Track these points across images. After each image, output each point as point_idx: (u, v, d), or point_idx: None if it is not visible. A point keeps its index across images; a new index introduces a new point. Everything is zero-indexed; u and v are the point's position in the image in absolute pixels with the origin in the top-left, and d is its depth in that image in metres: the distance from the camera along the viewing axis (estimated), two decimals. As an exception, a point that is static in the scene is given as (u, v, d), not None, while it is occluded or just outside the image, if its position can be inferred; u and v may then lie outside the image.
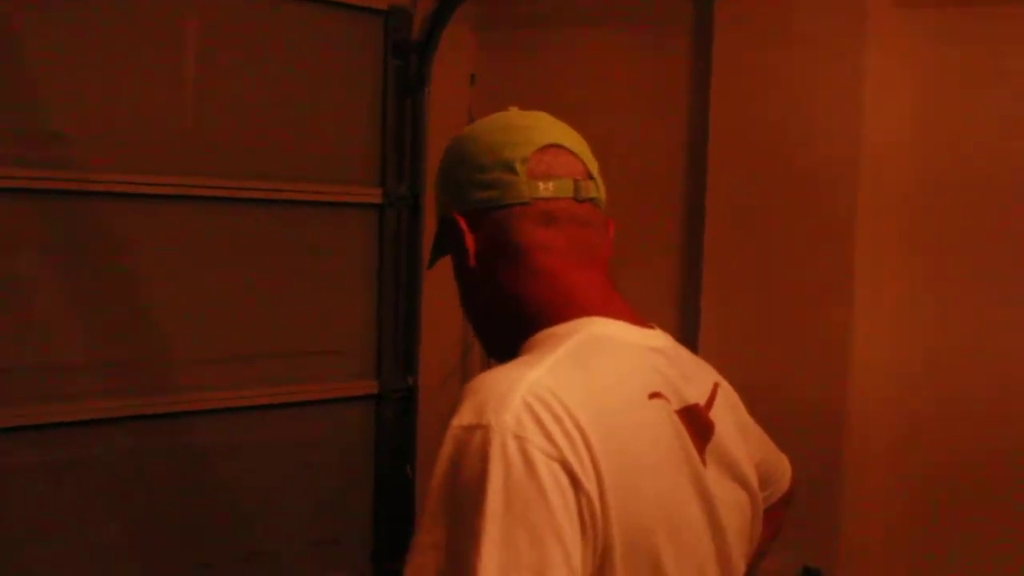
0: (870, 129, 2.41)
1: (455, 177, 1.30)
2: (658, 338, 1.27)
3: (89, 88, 2.56)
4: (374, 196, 3.04)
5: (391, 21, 3.04)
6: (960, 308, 2.39)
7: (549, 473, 1.03)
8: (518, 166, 1.25)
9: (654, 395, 1.19)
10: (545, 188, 1.25)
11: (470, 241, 1.27)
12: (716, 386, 1.33)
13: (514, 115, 1.33)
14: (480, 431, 1.05)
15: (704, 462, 1.22)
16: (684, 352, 1.31)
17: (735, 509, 1.27)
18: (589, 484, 1.05)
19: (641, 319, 1.28)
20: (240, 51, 2.79)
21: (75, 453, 2.58)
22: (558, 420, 1.06)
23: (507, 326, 1.26)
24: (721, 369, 1.37)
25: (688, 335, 2.68)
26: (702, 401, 1.27)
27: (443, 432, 1.08)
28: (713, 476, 1.23)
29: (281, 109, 2.87)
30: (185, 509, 2.75)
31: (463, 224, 1.28)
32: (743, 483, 1.30)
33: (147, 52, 2.64)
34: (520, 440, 1.04)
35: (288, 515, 2.93)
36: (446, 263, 1.36)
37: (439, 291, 3.05)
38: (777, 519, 1.49)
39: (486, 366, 1.19)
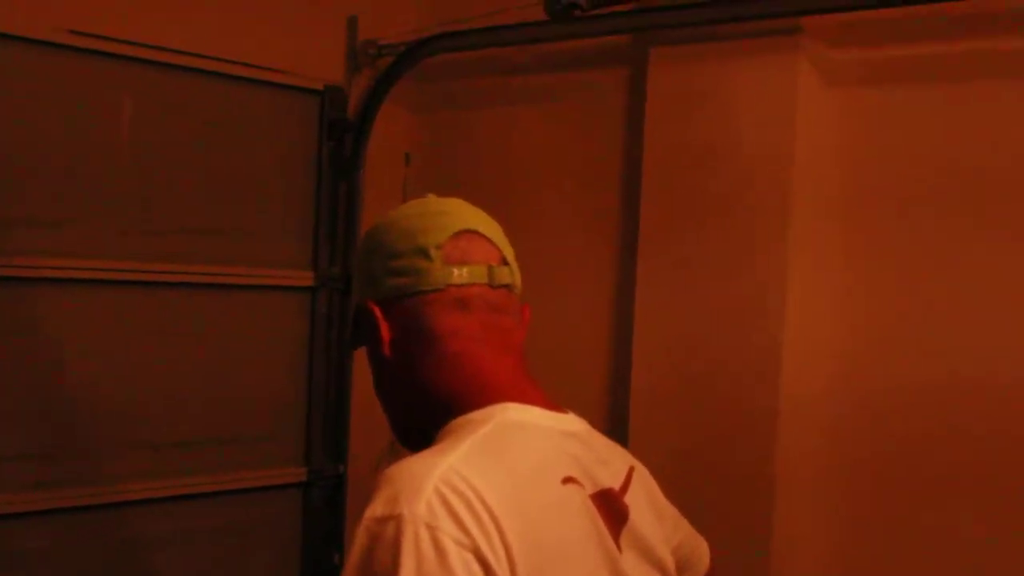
0: (801, 200, 2.43)
1: (369, 265, 1.30)
2: (572, 422, 1.28)
3: (18, 170, 2.49)
4: (305, 279, 2.99)
5: (327, 101, 3.01)
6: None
7: (461, 563, 1.03)
8: (432, 252, 1.25)
9: (567, 480, 1.19)
10: (459, 274, 1.26)
11: (384, 329, 1.27)
12: (632, 469, 1.33)
13: (431, 202, 1.34)
14: (393, 522, 1.05)
15: (619, 547, 1.22)
16: (598, 436, 1.32)
17: None
18: (501, 572, 1.05)
19: (555, 404, 1.28)
20: (174, 131, 2.74)
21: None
22: (470, 507, 1.06)
23: (421, 413, 1.26)
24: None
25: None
26: (617, 485, 1.27)
27: (357, 524, 1.08)
28: (629, 561, 1.23)
29: (216, 189, 2.82)
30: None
31: (377, 312, 1.27)
32: (659, 567, 1.30)
33: (81, 134, 2.58)
34: (432, 529, 1.04)
35: (214, 605, 2.84)
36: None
37: (369, 376, 3.00)
38: None
39: (399, 457, 1.17)
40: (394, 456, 1.16)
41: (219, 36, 2.80)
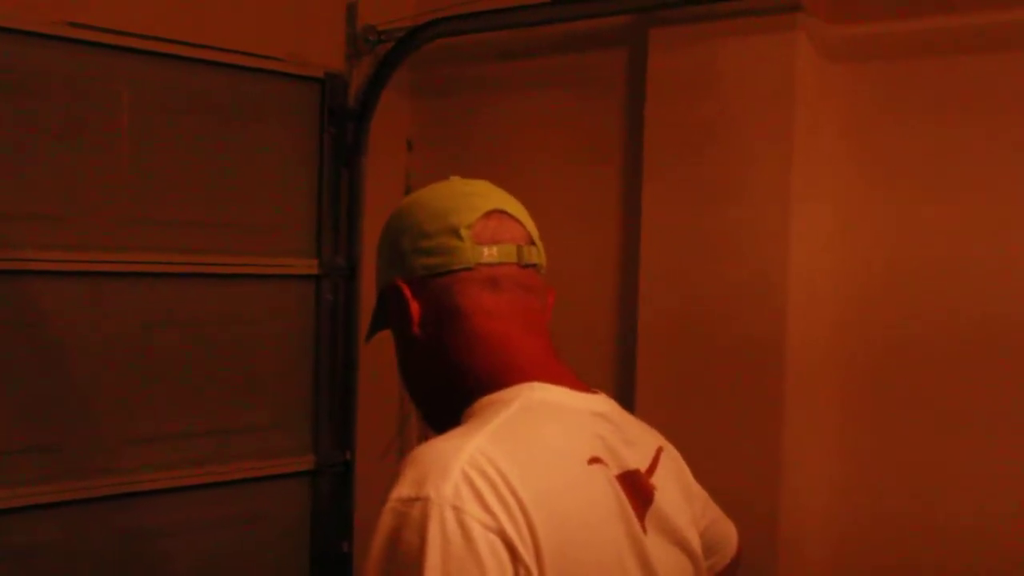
0: (800, 180, 2.43)
1: (398, 246, 1.29)
2: (601, 403, 1.27)
3: (21, 165, 2.50)
4: (310, 267, 2.99)
5: (327, 88, 3.01)
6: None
7: (487, 545, 1.03)
8: (463, 232, 1.26)
9: (593, 460, 1.18)
10: (490, 253, 1.26)
11: (414, 308, 1.27)
12: (660, 451, 1.32)
13: (457, 183, 1.34)
14: (420, 503, 1.05)
15: (644, 528, 1.22)
16: (628, 416, 1.31)
17: (676, 575, 1.27)
18: (527, 555, 1.05)
19: (584, 384, 1.27)
20: (175, 121, 2.74)
21: (4, 541, 2.50)
22: (496, 490, 1.06)
23: (448, 393, 1.25)
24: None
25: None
26: (644, 466, 1.26)
27: (381, 505, 1.07)
28: (654, 542, 1.22)
29: (217, 179, 2.82)
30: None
31: (407, 291, 1.27)
32: (685, 549, 1.29)
33: (81, 126, 2.58)
34: (458, 511, 1.04)
35: (223, 595, 2.86)
36: (383, 337, 1.37)
37: (376, 364, 3.01)
38: None
39: (423, 440, 1.17)
40: (402, 444, 1.16)
41: (218, 25, 2.80)
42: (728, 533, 1.49)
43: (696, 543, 1.32)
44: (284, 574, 3.01)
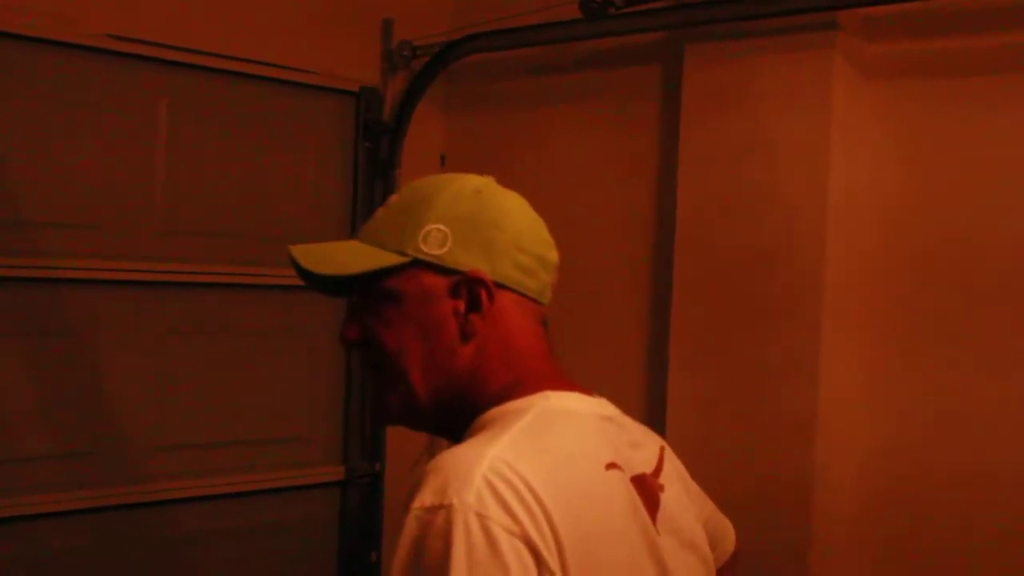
0: (836, 200, 2.44)
1: (486, 235, 1.23)
2: (607, 406, 1.28)
3: (58, 174, 2.52)
4: (343, 278, 2.99)
5: (362, 102, 3.03)
6: (927, 383, 2.42)
7: (512, 550, 1.03)
8: (553, 272, 1.28)
9: (611, 466, 1.19)
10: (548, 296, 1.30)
11: (487, 307, 1.22)
12: (663, 450, 1.33)
13: (527, 206, 1.29)
14: (443, 511, 1.04)
15: (658, 531, 1.22)
16: (629, 419, 1.31)
17: None
18: (552, 559, 1.06)
19: (588, 389, 1.27)
20: (210, 133, 2.77)
21: (37, 547, 2.53)
22: (519, 496, 1.06)
23: (460, 397, 1.23)
24: (687, 444, 1.36)
25: (655, 411, 2.68)
26: (650, 468, 1.27)
27: (403, 515, 1.07)
28: (667, 546, 1.23)
29: (252, 190, 2.84)
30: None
31: (492, 288, 1.22)
32: (696, 550, 1.30)
33: (119, 137, 2.61)
34: (482, 518, 1.03)
35: (252, 604, 2.87)
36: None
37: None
38: None
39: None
40: (431, 455, 1.15)
41: (256, 39, 2.83)
42: (726, 528, 1.49)
43: (704, 543, 1.32)
44: (312, 584, 3.03)
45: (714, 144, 2.61)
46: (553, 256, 1.28)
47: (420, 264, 1.22)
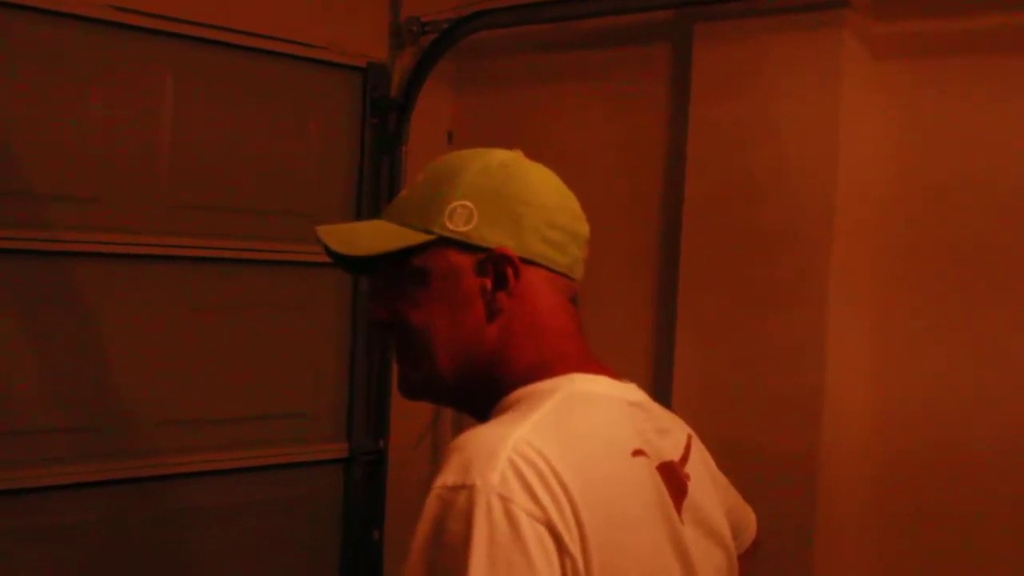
0: (845, 180, 2.43)
1: (513, 210, 1.21)
2: (635, 392, 1.26)
3: (62, 146, 2.51)
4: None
5: (370, 79, 3.01)
6: (933, 362, 2.42)
7: (534, 535, 1.02)
8: (585, 246, 1.26)
9: (637, 452, 1.18)
10: (581, 271, 1.28)
11: (513, 284, 1.20)
12: (690, 438, 1.32)
13: (555, 178, 1.28)
14: (465, 491, 1.03)
15: (682, 521, 1.21)
16: (656, 406, 1.30)
17: (712, 569, 1.26)
18: (573, 545, 1.05)
19: (617, 373, 1.26)
20: (216, 107, 2.75)
21: (46, 519, 2.53)
22: (543, 479, 1.05)
23: (484, 376, 1.22)
24: (693, 424, 1.35)
25: (662, 388, 2.67)
26: (677, 456, 1.26)
27: (425, 493, 1.06)
28: (691, 535, 1.22)
29: (258, 165, 2.83)
30: (155, 573, 2.70)
31: (518, 265, 1.20)
32: (719, 541, 1.29)
33: (124, 110, 2.60)
34: (505, 500, 1.02)
35: (255, 579, 2.87)
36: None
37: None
38: (745, 570, 1.46)
39: (456, 430, 1.16)
40: (436, 434, 1.12)
41: (263, 13, 2.81)
42: (749, 519, 1.47)
43: (728, 533, 1.31)
44: (315, 560, 3.03)
45: (723, 123, 2.60)
46: (584, 229, 1.26)
47: (446, 242, 1.20)
